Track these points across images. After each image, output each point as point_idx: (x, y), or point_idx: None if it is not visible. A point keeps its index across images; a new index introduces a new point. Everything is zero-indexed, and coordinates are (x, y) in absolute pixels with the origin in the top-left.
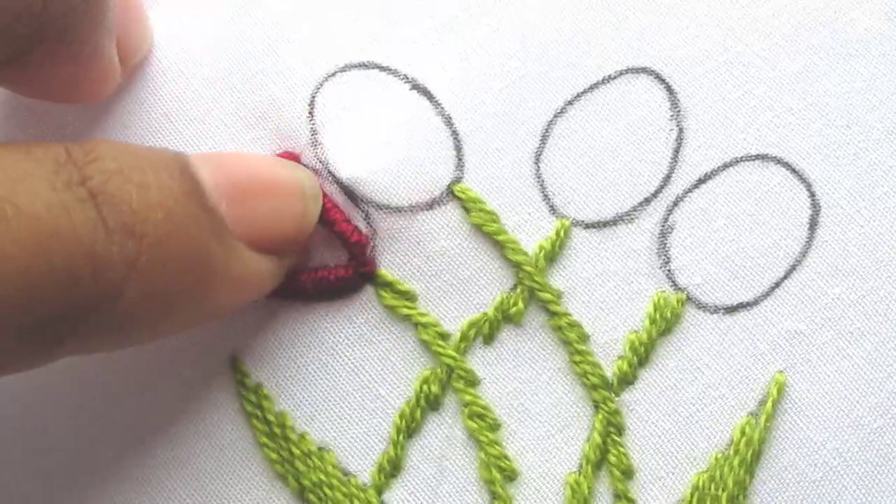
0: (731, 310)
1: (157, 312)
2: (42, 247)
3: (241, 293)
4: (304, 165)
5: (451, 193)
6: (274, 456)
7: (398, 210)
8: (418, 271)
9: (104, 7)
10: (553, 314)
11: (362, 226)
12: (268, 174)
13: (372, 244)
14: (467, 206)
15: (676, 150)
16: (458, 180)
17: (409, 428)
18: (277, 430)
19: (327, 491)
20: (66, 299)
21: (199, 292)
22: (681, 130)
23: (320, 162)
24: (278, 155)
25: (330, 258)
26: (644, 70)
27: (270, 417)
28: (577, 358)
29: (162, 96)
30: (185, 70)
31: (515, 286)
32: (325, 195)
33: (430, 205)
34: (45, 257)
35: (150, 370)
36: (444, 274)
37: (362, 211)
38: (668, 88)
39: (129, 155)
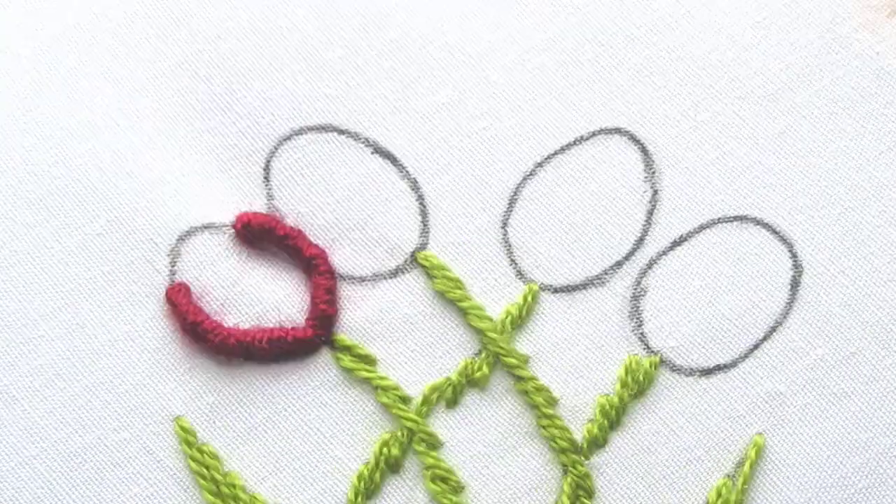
0: (708, 372)
1: None
2: None
3: None
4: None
5: (414, 260)
6: None
7: (361, 280)
8: (379, 337)
9: None
10: (519, 379)
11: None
12: None
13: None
14: (431, 273)
15: (650, 212)
16: (422, 247)
17: (367, 490)
18: (226, 490)
19: None
20: None
21: None
22: (655, 192)
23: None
24: (238, 216)
25: (287, 320)
26: (618, 130)
27: (217, 476)
28: (545, 422)
29: (113, 135)
30: (133, 109)
31: (480, 351)
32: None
33: (394, 273)
34: None
35: (87, 431)
36: (407, 339)
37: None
38: (643, 149)
39: None
